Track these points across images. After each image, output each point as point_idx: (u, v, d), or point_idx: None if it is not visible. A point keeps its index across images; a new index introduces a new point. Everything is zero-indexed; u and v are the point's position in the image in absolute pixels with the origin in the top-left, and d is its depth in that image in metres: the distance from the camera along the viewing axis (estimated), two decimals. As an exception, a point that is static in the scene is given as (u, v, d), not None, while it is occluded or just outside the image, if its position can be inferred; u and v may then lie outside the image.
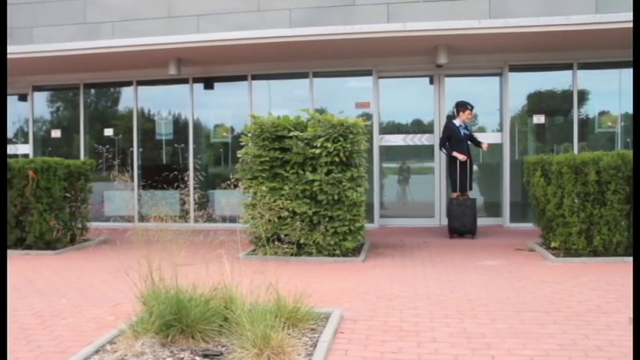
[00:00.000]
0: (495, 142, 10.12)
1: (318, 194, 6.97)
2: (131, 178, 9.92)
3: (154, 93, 11.41)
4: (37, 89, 11.66)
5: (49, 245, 8.01)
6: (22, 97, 11.74)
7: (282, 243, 6.82)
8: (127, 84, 11.26)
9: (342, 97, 10.76)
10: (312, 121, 7.20)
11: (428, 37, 8.72)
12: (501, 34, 8.54)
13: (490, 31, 8.52)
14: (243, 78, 10.76)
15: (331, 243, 7.00)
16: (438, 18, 9.05)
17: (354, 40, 8.90)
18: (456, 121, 9.10)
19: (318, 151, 6.91)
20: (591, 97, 10.06)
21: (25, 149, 11.67)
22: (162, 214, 4.22)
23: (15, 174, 7.81)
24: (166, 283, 3.87)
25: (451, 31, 8.55)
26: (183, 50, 9.50)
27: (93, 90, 11.66)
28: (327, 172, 6.96)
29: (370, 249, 7.79)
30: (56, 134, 11.63)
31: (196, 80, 10.99)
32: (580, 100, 10.00)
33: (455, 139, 8.99)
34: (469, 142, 9.13)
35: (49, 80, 11.38)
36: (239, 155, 7.48)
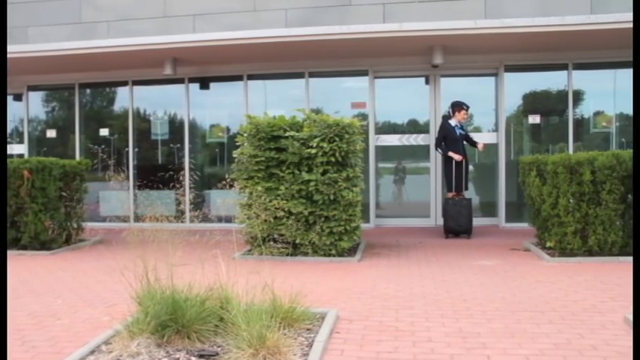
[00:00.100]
0: (491, 142, 10.14)
1: (313, 194, 6.97)
2: (127, 178, 9.92)
3: (149, 93, 11.39)
4: (32, 89, 11.63)
5: (44, 245, 7.99)
6: (17, 97, 11.70)
7: (278, 243, 6.82)
8: (123, 84, 11.24)
9: (338, 97, 10.77)
10: (308, 121, 7.20)
11: (424, 37, 8.73)
12: (497, 34, 8.55)
13: (486, 32, 8.53)
14: (238, 78, 10.75)
15: (327, 243, 7.00)
16: (433, 18, 9.07)
17: (350, 40, 8.90)
18: (452, 121, 9.11)
19: (313, 151, 6.92)
20: (586, 97, 10.09)
21: (20, 149, 11.63)
22: (158, 214, 4.21)
23: (10, 174, 7.79)
24: (162, 283, 3.87)
25: (447, 32, 8.56)
26: (178, 50, 9.49)
27: (88, 90, 11.63)
28: (323, 172, 6.96)
29: (366, 249, 7.79)
30: (51, 134, 11.60)
31: (192, 80, 10.97)
32: (575, 101, 10.03)
33: (451, 139, 9.01)
34: (465, 142, 9.15)
35: (44, 80, 11.35)
36: (235, 155, 7.47)
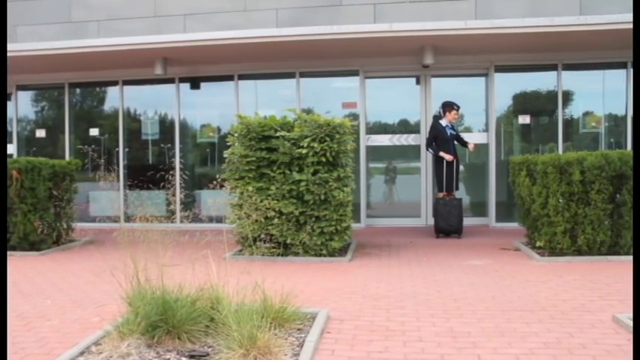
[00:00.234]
0: (481, 142, 10.17)
1: (304, 194, 6.97)
2: (117, 178, 9.87)
3: (139, 93, 11.35)
4: (21, 88, 11.55)
5: (33, 246, 7.94)
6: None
7: (269, 243, 6.82)
8: (113, 83, 11.19)
9: (328, 97, 10.77)
10: (299, 121, 7.20)
11: (414, 37, 8.75)
12: (487, 34, 8.59)
13: (476, 32, 8.56)
14: (229, 78, 10.73)
15: (318, 243, 7.00)
16: (424, 18, 9.10)
17: (340, 41, 8.91)
18: (443, 122, 9.14)
19: (304, 151, 6.92)
20: (575, 97, 10.16)
21: (10, 149, 11.55)
22: (148, 214, 4.20)
23: (-1, 174, 7.74)
24: (152, 283, 3.85)
25: (437, 32, 8.58)
26: (169, 50, 9.46)
27: (78, 89, 11.57)
28: (314, 172, 6.97)
29: (357, 249, 7.80)
30: (41, 134, 11.53)
31: (182, 80, 10.94)
32: (565, 101, 10.08)
33: (441, 139, 9.04)
34: (455, 143, 9.18)
35: (33, 79, 11.29)
36: (225, 155, 7.46)
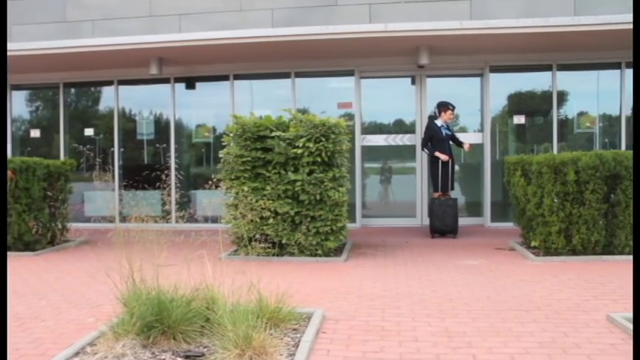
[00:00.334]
0: (476, 142, 10.19)
1: (300, 194, 6.97)
2: (112, 178, 9.85)
3: (135, 93, 11.33)
4: (16, 88, 11.51)
5: (28, 246, 7.92)
6: (0, 97, 11.59)
7: (263, 243, 6.81)
8: (108, 83, 11.16)
9: (324, 97, 10.78)
10: (294, 121, 7.20)
11: (409, 37, 8.76)
12: (482, 35, 8.61)
13: (471, 32, 8.58)
14: (225, 78, 10.72)
15: (313, 243, 7.01)
16: (419, 19, 9.11)
17: (335, 41, 8.91)
18: (438, 122, 9.15)
19: (300, 151, 6.92)
20: (570, 97, 10.19)
21: (4, 149, 11.53)
22: (144, 214, 4.19)
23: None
24: (147, 284, 3.85)
25: (433, 32, 8.59)
26: (164, 50, 9.44)
27: (73, 89, 11.53)
28: (309, 172, 6.97)
29: (352, 249, 7.81)
30: (35, 134, 11.50)
31: (178, 80, 10.93)
32: (559, 101, 10.12)
33: (437, 139, 9.05)
34: (451, 143, 9.19)
35: (27, 79, 11.25)
36: (221, 155, 7.45)
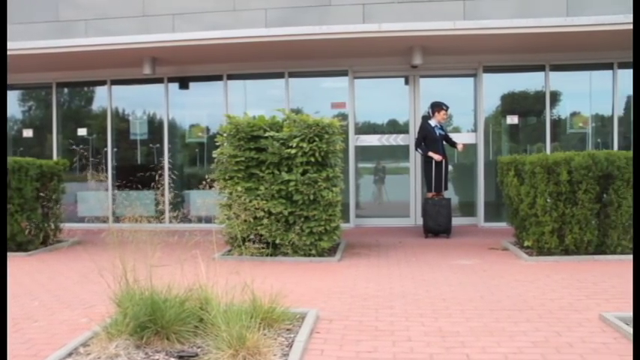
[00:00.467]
0: (470, 143, 10.22)
1: (293, 194, 6.97)
2: (105, 178, 9.82)
3: (128, 92, 11.30)
4: (9, 88, 11.40)
5: (20, 247, 7.88)
6: (-8, 96, 11.53)
7: (256, 243, 6.81)
8: (101, 83, 11.13)
9: (317, 98, 10.78)
10: (288, 121, 7.20)
11: (403, 37, 8.77)
12: (475, 35, 8.63)
13: (464, 33, 8.60)
14: (218, 78, 10.71)
15: (307, 243, 7.01)
16: (413, 19, 9.12)
17: (329, 41, 8.92)
18: (432, 122, 9.16)
19: (293, 151, 6.92)
20: (563, 98, 10.24)
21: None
22: (137, 214, 4.19)
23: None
24: (141, 284, 3.84)
25: (426, 32, 8.61)
26: (158, 50, 9.43)
27: (66, 89, 11.50)
28: (303, 172, 6.97)
29: (346, 249, 7.81)
30: (28, 134, 11.46)
31: (171, 80, 10.91)
32: (552, 101, 10.16)
33: (430, 139, 9.06)
34: (444, 143, 9.21)
35: (20, 79, 11.19)
36: (214, 155, 7.45)
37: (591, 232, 6.77)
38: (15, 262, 7.28)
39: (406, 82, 10.53)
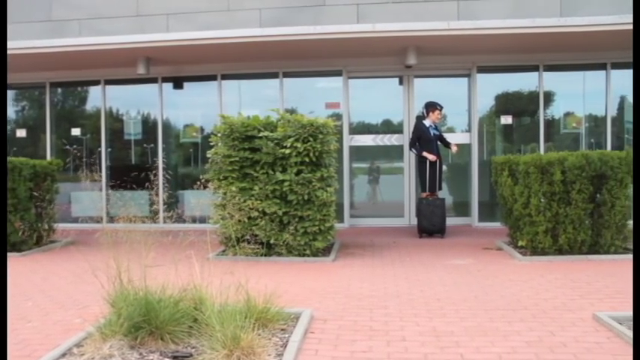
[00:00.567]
0: (464, 143, 10.24)
1: (288, 194, 6.97)
2: (99, 178, 9.79)
3: (122, 92, 11.27)
4: (1, 88, 11.41)
5: (14, 247, 7.85)
6: (-15, 96, 11.47)
7: (251, 243, 6.81)
8: (95, 83, 11.10)
9: (312, 98, 10.78)
10: (282, 121, 7.20)
11: (397, 37, 8.78)
12: (469, 35, 8.64)
13: (458, 33, 8.61)
14: (212, 78, 10.69)
15: (301, 243, 7.01)
16: (407, 19, 9.13)
17: (323, 41, 8.91)
18: (426, 122, 9.18)
19: (288, 151, 6.92)
20: (557, 98, 10.27)
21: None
22: (131, 214, 4.18)
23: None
24: (135, 284, 3.83)
25: (420, 32, 8.62)
26: (152, 49, 9.40)
27: (59, 89, 11.46)
28: (297, 172, 6.97)
29: (340, 249, 7.82)
30: (21, 134, 11.41)
31: (165, 80, 10.88)
32: (546, 102, 10.19)
33: (425, 139, 9.08)
34: (439, 143, 9.22)
35: (13, 79, 11.11)
36: (209, 155, 7.44)
37: (585, 232, 6.79)
38: (9, 263, 7.25)
39: (400, 82, 10.54)
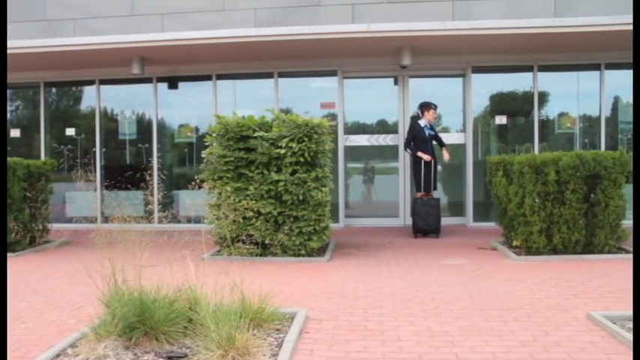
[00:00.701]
0: (458, 143, 10.26)
1: (283, 194, 6.96)
2: (94, 178, 9.77)
3: (117, 92, 11.24)
4: (-4, 87, 11.37)
5: (8, 248, 7.82)
6: (-21, 96, 11.43)
7: (246, 243, 6.80)
8: (90, 83, 11.06)
9: (307, 98, 10.78)
10: (277, 122, 7.20)
11: (392, 38, 8.78)
12: (464, 35, 8.66)
13: (453, 33, 8.62)
14: (207, 78, 10.68)
15: (296, 243, 7.00)
16: (402, 19, 9.15)
17: (318, 41, 8.91)
18: (421, 122, 9.19)
19: (282, 152, 6.91)
20: (551, 98, 10.30)
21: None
22: (126, 214, 4.17)
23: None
24: (130, 284, 3.82)
25: (415, 33, 8.63)
26: (146, 49, 9.38)
27: (54, 89, 11.42)
28: (292, 173, 6.97)
29: (335, 249, 7.82)
30: (15, 134, 11.36)
31: (160, 79, 10.86)
32: (540, 102, 10.21)
33: (420, 139, 9.09)
34: (434, 143, 9.23)
35: (7, 78, 11.10)
36: (204, 155, 7.42)
37: (579, 232, 6.81)
38: (2, 263, 7.23)
39: (395, 83, 10.55)
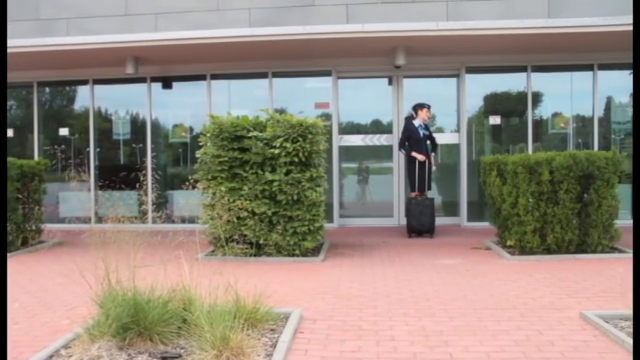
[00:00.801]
0: (452, 143, 10.29)
1: (277, 194, 6.96)
2: (87, 178, 9.74)
3: (110, 92, 11.21)
4: (-11, 87, 11.30)
5: (0, 248, 7.79)
6: (-28, 96, 11.37)
7: (240, 243, 6.79)
8: (83, 82, 11.03)
9: (301, 98, 10.78)
10: (272, 121, 7.20)
11: (386, 38, 8.80)
12: (458, 36, 8.68)
13: (447, 33, 8.65)
14: (202, 78, 10.66)
15: (291, 243, 7.00)
16: (396, 19, 9.16)
17: (313, 41, 8.92)
18: (416, 122, 9.19)
19: (277, 152, 6.91)
20: (545, 98, 10.34)
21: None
22: (120, 215, 4.16)
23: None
24: (123, 285, 3.81)
25: (409, 33, 8.64)
26: (140, 49, 9.35)
27: (47, 88, 11.39)
28: (287, 172, 6.97)
29: (330, 249, 7.82)
30: (9, 134, 11.31)
31: (154, 79, 10.84)
32: (534, 102, 10.25)
33: (414, 139, 9.09)
34: (428, 143, 9.24)
35: (0, 78, 11.07)
36: (198, 155, 7.41)
37: (572, 232, 6.84)
38: (-5, 264, 7.20)
39: (390, 83, 10.57)
